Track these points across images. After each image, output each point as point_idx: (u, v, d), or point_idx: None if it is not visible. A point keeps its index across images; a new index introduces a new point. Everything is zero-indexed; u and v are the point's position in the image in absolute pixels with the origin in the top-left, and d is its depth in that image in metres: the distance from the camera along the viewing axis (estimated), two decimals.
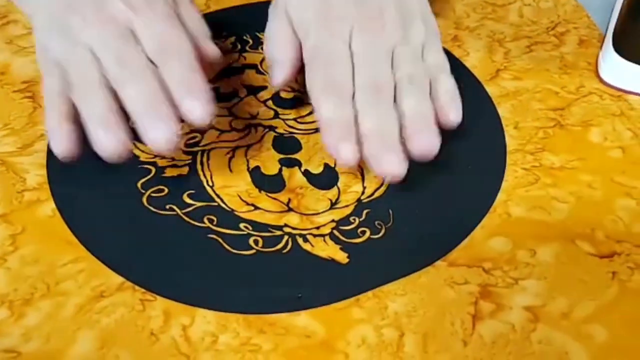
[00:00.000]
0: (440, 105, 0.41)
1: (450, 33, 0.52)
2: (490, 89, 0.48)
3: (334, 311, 0.36)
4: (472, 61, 0.50)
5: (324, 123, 0.40)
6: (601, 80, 0.48)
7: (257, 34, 0.52)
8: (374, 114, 0.39)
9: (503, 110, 0.46)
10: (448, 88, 0.42)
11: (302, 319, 0.35)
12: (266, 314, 0.36)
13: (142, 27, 0.40)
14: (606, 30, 0.50)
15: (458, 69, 0.49)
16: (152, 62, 0.39)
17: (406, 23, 0.44)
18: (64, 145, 0.38)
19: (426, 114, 0.40)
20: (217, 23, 0.53)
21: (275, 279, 0.37)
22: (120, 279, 0.37)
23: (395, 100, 0.41)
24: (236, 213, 0.40)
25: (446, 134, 0.41)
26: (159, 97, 0.38)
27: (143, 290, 0.37)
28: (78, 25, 0.40)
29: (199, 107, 0.38)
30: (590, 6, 0.55)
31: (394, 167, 0.38)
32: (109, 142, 0.37)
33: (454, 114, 0.41)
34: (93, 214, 0.40)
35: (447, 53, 0.50)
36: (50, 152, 0.43)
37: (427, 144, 0.39)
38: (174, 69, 0.39)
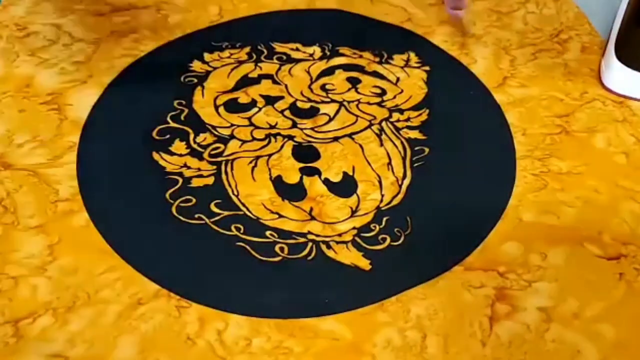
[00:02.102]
0: None
1: (457, 40, 0.54)
2: (498, 97, 0.50)
3: (359, 315, 0.38)
4: (480, 69, 0.52)
5: None
6: (604, 87, 0.50)
7: (272, 44, 0.54)
8: None
9: (511, 117, 0.48)
10: None
11: (330, 323, 0.37)
12: (296, 319, 0.38)
13: None
14: (608, 37, 0.52)
15: (467, 76, 0.51)
16: None
17: None
18: None
19: None
20: (231, 33, 0.55)
21: (302, 285, 0.39)
22: (156, 286, 0.39)
23: None
24: (261, 221, 0.42)
25: (458, 141, 0.42)
26: None
27: (178, 297, 0.39)
28: None
29: None
30: (590, 10, 0.57)
31: None
32: None
33: None
34: (125, 224, 0.42)
35: (455, 60, 0.52)
36: (80, 164, 0.45)
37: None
38: None
